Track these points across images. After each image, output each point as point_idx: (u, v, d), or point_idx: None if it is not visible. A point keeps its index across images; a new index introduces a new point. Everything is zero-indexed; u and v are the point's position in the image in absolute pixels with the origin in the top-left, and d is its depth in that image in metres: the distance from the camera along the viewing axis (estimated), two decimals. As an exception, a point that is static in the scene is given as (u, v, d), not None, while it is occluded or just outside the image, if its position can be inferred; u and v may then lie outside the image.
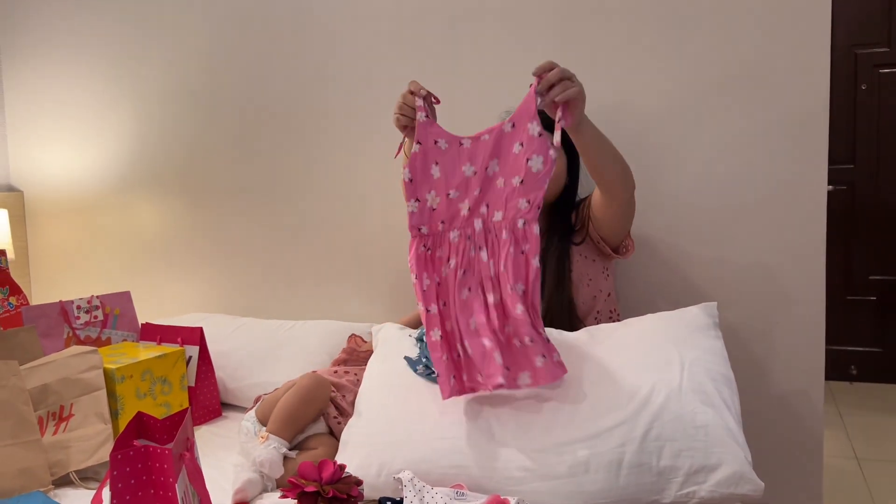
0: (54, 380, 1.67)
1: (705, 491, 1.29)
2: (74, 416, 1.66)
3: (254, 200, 2.43)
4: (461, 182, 1.47)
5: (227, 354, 2.07)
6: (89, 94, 2.67)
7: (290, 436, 1.56)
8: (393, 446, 1.43)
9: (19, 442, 1.52)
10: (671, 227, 1.91)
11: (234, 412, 2.02)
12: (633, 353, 1.49)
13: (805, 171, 1.79)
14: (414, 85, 1.49)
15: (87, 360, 1.71)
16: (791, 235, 1.81)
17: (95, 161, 2.68)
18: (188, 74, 2.49)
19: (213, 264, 2.52)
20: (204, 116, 2.48)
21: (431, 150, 1.48)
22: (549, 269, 1.77)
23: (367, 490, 1.37)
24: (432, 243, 1.49)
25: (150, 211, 2.61)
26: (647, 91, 1.90)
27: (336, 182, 2.30)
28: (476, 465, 1.37)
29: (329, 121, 2.28)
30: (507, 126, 1.44)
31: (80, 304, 1.99)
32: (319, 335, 2.11)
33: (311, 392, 1.62)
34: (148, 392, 1.79)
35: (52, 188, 2.78)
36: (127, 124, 2.62)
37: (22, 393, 1.57)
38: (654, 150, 1.90)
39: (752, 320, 1.86)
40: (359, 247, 2.28)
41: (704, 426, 1.33)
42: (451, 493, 1.30)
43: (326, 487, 1.24)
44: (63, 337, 1.95)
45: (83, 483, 1.55)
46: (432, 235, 1.49)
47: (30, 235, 2.84)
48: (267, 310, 2.41)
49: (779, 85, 1.79)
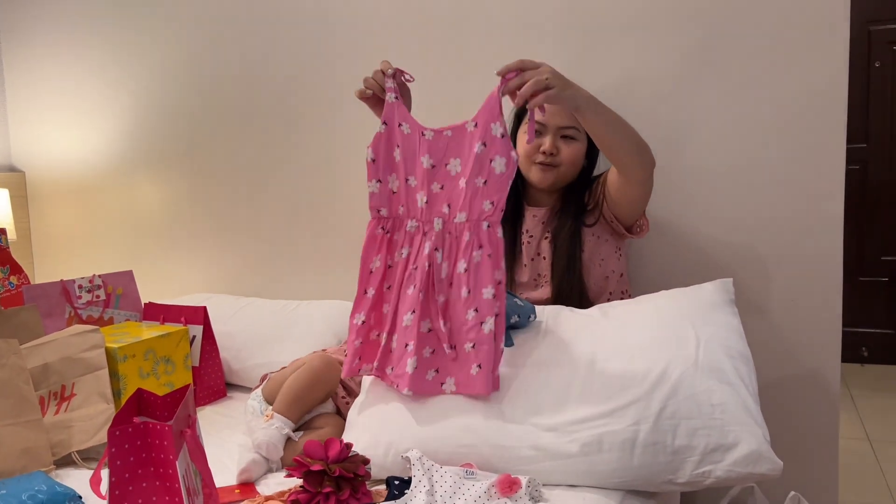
0: (56, 359, 1.64)
1: (722, 470, 1.26)
2: (76, 395, 1.63)
3: (258, 179, 2.39)
4: (419, 172, 1.45)
5: (231, 335, 2.04)
6: (90, 74, 2.63)
7: (296, 416, 1.53)
8: (400, 425, 1.40)
9: (20, 422, 1.49)
10: (684, 206, 1.86)
11: (238, 393, 1.99)
12: (647, 329, 1.45)
13: (822, 148, 1.74)
14: (384, 64, 1.47)
15: (89, 339, 1.68)
16: (808, 213, 1.77)
17: (97, 141, 2.65)
18: (190, 53, 2.45)
19: (216, 244, 2.49)
20: (207, 95, 2.44)
21: (396, 132, 1.46)
22: (560, 250, 1.73)
23: (374, 469, 1.34)
24: (391, 226, 1.49)
25: (153, 191, 2.58)
26: (661, 65, 1.85)
27: (342, 161, 2.26)
28: (486, 443, 1.34)
29: (335, 100, 2.24)
30: (469, 125, 1.41)
31: (82, 284, 1.96)
32: (325, 315, 2.07)
33: (320, 373, 1.58)
34: (151, 372, 1.76)
35: (53, 169, 2.75)
36: (129, 104, 2.58)
37: (22, 372, 1.54)
38: (666, 126, 1.85)
39: (767, 300, 1.81)
40: (364, 227, 2.23)
41: (721, 404, 1.29)
42: (460, 472, 1.27)
43: (333, 466, 1.21)
44: (65, 316, 1.92)
45: (85, 463, 1.53)
46: (392, 218, 1.49)
47: (32, 216, 2.81)
48: (271, 290, 2.37)
49: (796, 60, 1.74)
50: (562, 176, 1.75)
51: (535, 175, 1.75)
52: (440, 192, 1.43)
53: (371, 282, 1.48)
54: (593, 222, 1.74)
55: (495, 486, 1.22)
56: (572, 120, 1.69)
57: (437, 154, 1.43)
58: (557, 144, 1.72)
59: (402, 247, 1.46)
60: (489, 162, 1.38)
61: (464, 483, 1.24)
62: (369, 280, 1.48)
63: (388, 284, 1.48)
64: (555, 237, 1.74)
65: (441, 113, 2.07)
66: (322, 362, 1.61)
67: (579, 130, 1.72)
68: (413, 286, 1.42)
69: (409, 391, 1.38)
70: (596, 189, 1.76)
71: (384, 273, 1.48)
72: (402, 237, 1.47)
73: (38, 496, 1.29)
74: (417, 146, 1.45)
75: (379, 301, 1.48)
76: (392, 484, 1.27)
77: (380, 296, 1.48)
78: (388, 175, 1.48)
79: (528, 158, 1.74)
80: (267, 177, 2.38)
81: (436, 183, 1.43)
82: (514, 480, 1.22)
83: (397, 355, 1.44)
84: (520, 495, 1.20)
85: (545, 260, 1.75)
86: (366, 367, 1.47)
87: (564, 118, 1.70)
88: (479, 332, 1.38)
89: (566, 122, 1.70)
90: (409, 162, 1.46)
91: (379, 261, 1.48)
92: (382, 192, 1.48)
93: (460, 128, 1.42)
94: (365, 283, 1.48)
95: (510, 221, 1.77)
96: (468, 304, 1.39)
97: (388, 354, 1.46)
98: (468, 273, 1.39)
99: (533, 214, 1.79)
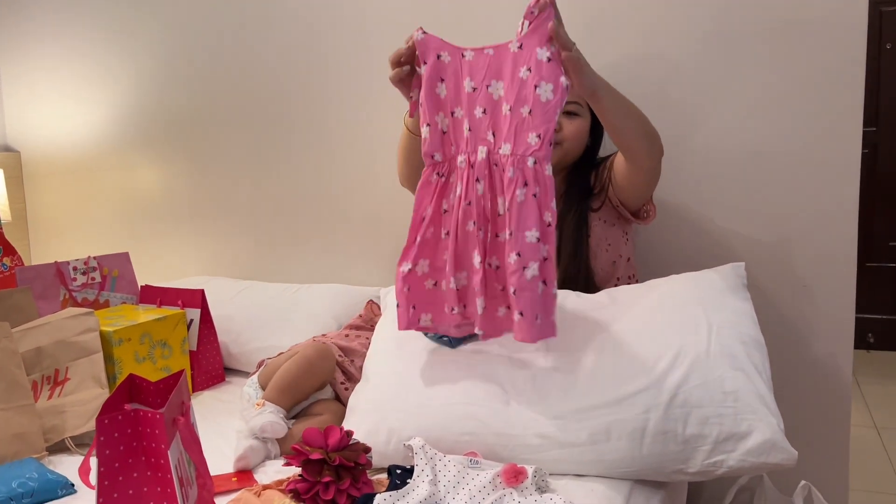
0: (49, 342, 1.60)
1: (734, 460, 1.22)
2: (70, 379, 1.59)
3: (258, 160, 2.34)
4: (463, 98, 1.33)
5: (229, 318, 2.00)
6: (87, 52, 2.57)
7: (287, 405, 1.49)
8: (402, 412, 1.36)
9: (12, 406, 1.46)
10: (694, 189, 1.81)
11: (237, 377, 1.95)
12: (656, 315, 1.41)
13: (838, 130, 1.69)
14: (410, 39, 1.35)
15: (83, 322, 1.64)
16: (822, 196, 1.71)
17: (94, 120, 2.60)
18: (188, 32, 2.39)
19: (214, 226, 2.44)
20: (206, 75, 2.38)
21: (435, 65, 1.33)
22: (566, 234, 1.67)
23: (375, 458, 1.30)
24: (446, 170, 1.35)
25: (151, 171, 2.53)
26: (672, 44, 1.79)
27: (342, 143, 2.20)
28: (491, 432, 1.30)
29: (335, 81, 2.18)
30: (513, 45, 1.28)
31: (77, 266, 1.92)
32: (325, 299, 2.03)
33: (314, 362, 1.54)
34: (147, 356, 1.72)
35: (49, 148, 2.69)
36: (126, 83, 2.52)
37: (14, 356, 1.50)
38: (677, 106, 1.79)
39: (778, 285, 1.77)
40: (365, 210, 2.20)
41: (734, 391, 1.25)
42: (464, 461, 1.23)
43: (333, 455, 1.17)
44: (59, 299, 1.88)
45: (79, 449, 1.49)
46: (446, 161, 1.35)
47: (28, 197, 2.77)
48: (270, 273, 2.33)
49: (813, 38, 1.68)
50: (566, 153, 1.68)
51: None
52: (483, 116, 1.31)
53: (422, 229, 1.36)
54: (599, 206, 1.69)
55: (501, 475, 1.18)
56: (575, 95, 1.61)
57: (478, 75, 1.31)
58: (560, 121, 1.65)
59: (456, 187, 1.33)
60: (534, 88, 1.24)
61: (468, 472, 1.20)
62: (420, 227, 1.36)
63: (446, 230, 1.35)
64: (560, 221, 1.68)
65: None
66: (316, 351, 1.57)
67: (582, 106, 1.66)
68: (472, 221, 1.31)
69: (480, 331, 1.30)
70: (602, 172, 1.71)
71: (439, 219, 1.35)
72: (455, 177, 1.34)
73: (29, 484, 1.25)
74: (459, 71, 1.33)
75: (432, 248, 1.35)
76: (394, 473, 1.23)
77: (435, 242, 1.36)
78: (436, 115, 1.33)
79: None
80: (266, 157, 2.33)
81: (478, 107, 1.31)
82: (521, 470, 1.18)
83: (471, 293, 1.33)
84: (526, 485, 1.17)
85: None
86: (425, 318, 1.36)
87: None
88: (521, 278, 1.25)
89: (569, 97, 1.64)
90: (454, 92, 1.33)
91: (431, 208, 1.35)
92: (433, 135, 1.33)
93: (503, 47, 1.29)
94: (416, 231, 1.36)
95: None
96: (510, 246, 1.27)
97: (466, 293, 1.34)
98: (510, 213, 1.27)
99: None
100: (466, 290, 1.34)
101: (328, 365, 1.57)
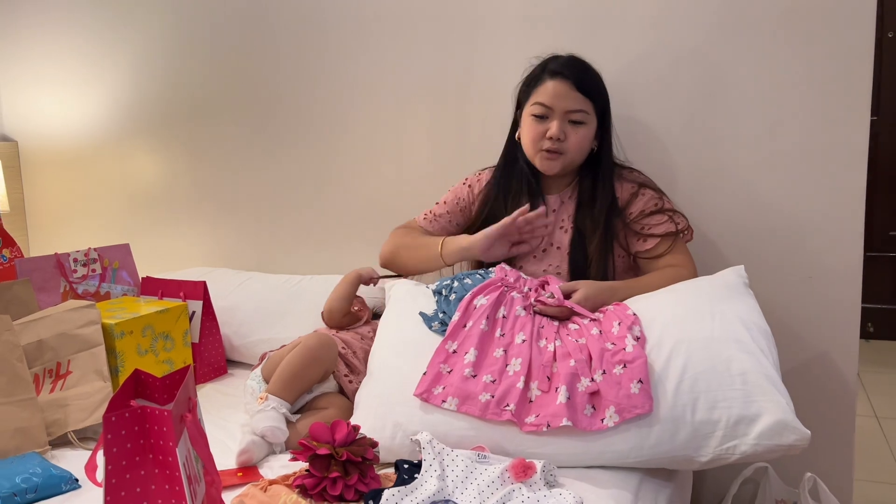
0: (50, 335, 1.59)
1: (747, 445, 1.21)
2: (72, 373, 1.58)
3: (259, 151, 2.32)
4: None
5: (232, 310, 1.99)
6: (85, 39, 2.54)
7: (291, 397, 1.47)
8: (408, 407, 1.35)
9: (13, 400, 1.44)
10: (701, 177, 1.79)
11: (240, 370, 1.94)
12: (662, 307, 1.41)
13: (846, 118, 1.68)
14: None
15: (85, 314, 1.63)
16: (829, 187, 1.70)
17: (93, 109, 2.57)
18: (189, 19, 2.36)
19: (216, 217, 2.42)
20: (206, 63, 2.36)
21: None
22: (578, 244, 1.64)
23: (381, 453, 1.30)
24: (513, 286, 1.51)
25: (151, 161, 2.51)
26: (681, 33, 1.77)
27: (345, 134, 2.19)
28: (497, 426, 1.29)
29: (339, 71, 2.16)
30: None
31: (77, 257, 1.90)
32: (328, 290, 1.99)
33: (316, 352, 1.53)
34: (149, 348, 1.71)
35: (47, 138, 2.67)
36: (125, 71, 2.50)
37: (15, 349, 1.49)
38: (686, 94, 1.78)
39: (783, 276, 1.76)
40: (367, 201, 2.18)
41: (742, 374, 1.24)
42: (472, 456, 1.22)
43: (340, 450, 1.16)
44: (59, 291, 1.86)
45: (82, 443, 1.48)
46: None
47: (26, 188, 2.74)
48: (272, 265, 2.32)
49: (821, 26, 1.66)
50: (568, 163, 1.64)
51: (540, 163, 1.64)
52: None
53: (473, 316, 1.42)
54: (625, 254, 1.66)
55: (509, 470, 1.17)
56: (581, 103, 1.58)
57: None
58: (565, 129, 1.59)
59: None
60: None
61: (476, 467, 1.19)
62: (469, 313, 1.43)
63: (502, 332, 1.41)
64: (576, 230, 1.65)
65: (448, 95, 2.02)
66: (317, 340, 1.55)
67: (588, 114, 1.60)
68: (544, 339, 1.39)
69: (568, 421, 1.24)
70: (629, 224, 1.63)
71: (491, 317, 1.43)
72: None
73: (33, 479, 1.24)
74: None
75: (482, 341, 1.39)
76: (401, 468, 1.22)
77: (487, 338, 1.40)
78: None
79: (534, 145, 1.63)
80: (267, 148, 2.31)
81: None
82: (529, 465, 1.17)
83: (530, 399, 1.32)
84: (535, 480, 1.16)
85: (559, 250, 1.66)
86: (452, 400, 1.32)
87: (573, 101, 1.58)
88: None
89: (575, 104, 1.58)
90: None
91: (486, 298, 1.44)
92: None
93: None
94: (466, 317, 1.43)
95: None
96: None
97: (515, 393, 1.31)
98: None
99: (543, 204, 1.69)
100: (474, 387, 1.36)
101: (330, 354, 1.56)
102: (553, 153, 1.61)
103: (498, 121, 1.83)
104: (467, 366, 1.35)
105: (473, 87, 2.00)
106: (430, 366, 1.37)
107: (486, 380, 1.33)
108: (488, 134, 1.91)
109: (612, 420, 1.24)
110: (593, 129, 1.63)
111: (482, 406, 1.30)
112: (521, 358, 1.34)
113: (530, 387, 1.31)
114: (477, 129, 2.00)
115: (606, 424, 1.24)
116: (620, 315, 1.38)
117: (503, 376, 1.33)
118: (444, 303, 1.50)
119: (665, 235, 1.60)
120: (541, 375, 1.32)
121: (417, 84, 2.07)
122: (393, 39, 2.07)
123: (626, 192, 1.64)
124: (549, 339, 1.38)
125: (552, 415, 1.26)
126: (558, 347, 1.35)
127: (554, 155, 1.61)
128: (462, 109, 2.02)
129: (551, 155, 1.61)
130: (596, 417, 1.25)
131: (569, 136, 1.60)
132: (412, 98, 2.08)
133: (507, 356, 1.36)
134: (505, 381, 1.32)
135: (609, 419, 1.24)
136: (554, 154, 1.61)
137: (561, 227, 1.67)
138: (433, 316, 1.49)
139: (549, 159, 1.62)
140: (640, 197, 1.63)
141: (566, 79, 1.58)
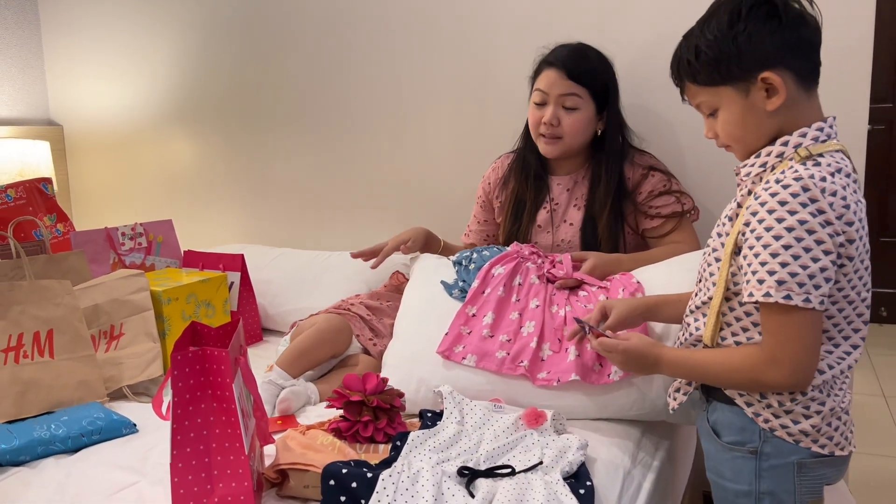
0: (105, 300, 1.74)
1: None
2: (125, 334, 1.73)
3: (292, 132, 2.44)
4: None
5: (266, 282, 2.13)
6: (127, 28, 2.68)
7: (295, 372, 1.60)
8: (431, 364, 1.48)
9: (76, 357, 1.60)
10: (699, 164, 1.87)
11: (274, 336, 2.08)
12: (661, 274, 1.53)
13: (845, 108, 1.73)
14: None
15: (135, 282, 1.77)
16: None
17: (134, 95, 2.71)
18: (226, 6, 2.49)
19: (250, 197, 2.56)
20: (242, 49, 2.48)
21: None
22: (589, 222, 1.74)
23: (407, 405, 1.42)
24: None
25: (189, 144, 2.65)
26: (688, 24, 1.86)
27: (373, 121, 2.30)
28: (511, 380, 1.42)
29: (369, 53, 2.27)
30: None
31: (125, 231, 2.05)
32: (356, 264, 2.12)
33: (327, 336, 1.67)
34: (193, 314, 1.85)
35: (91, 122, 2.82)
36: (165, 58, 2.63)
37: (76, 311, 1.64)
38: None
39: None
40: (396, 178, 2.30)
41: None
42: (489, 406, 1.35)
43: (371, 397, 1.29)
44: (109, 262, 2.01)
45: (135, 397, 1.63)
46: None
47: (70, 169, 2.90)
48: (304, 241, 2.45)
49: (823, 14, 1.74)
50: (567, 146, 1.73)
51: (541, 147, 1.75)
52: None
53: (491, 284, 1.55)
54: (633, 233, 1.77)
55: (522, 418, 1.29)
56: (573, 87, 1.67)
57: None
58: (558, 115, 1.69)
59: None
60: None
61: (492, 416, 1.32)
62: (487, 281, 1.55)
63: (517, 297, 1.53)
64: (588, 209, 1.74)
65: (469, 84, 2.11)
66: (330, 325, 1.69)
67: (582, 98, 1.68)
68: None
69: (576, 376, 1.38)
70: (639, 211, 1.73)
71: (508, 284, 1.54)
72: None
73: (98, 422, 1.39)
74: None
75: (499, 306, 1.51)
76: (425, 416, 1.36)
77: (504, 303, 1.52)
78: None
79: (534, 130, 1.75)
80: (299, 130, 2.43)
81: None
82: (541, 413, 1.30)
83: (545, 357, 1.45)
84: (545, 427, 1.28)
85: (572, 226, 1.77)
86: (471, 357, 1.46)
87: (564, 87, 1.68)
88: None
89: (566, 89, 1.68)
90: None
91: (503, 268, 1.56)
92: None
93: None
94: (484, 284, 1.55)
95: (534, 188, 1.80)
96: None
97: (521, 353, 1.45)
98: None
99: (557, 183, 1.80)
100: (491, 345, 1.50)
101: (341, 338, 1.71)
102: (550, 138, 1.72)
103: (514, 109, 1.94)
104: (485, 327, 1.48)
105: (490, 77, 2.10)
106: (452, 327, 1.50)
107: (502, 339, 1.46)
108: (505, 120, 2.01)
109: (617, 374, 1.36)
110: (589, 114, 1.71)
111: (498, 362, 1.43)
112: (535, 321, 1.47)
113: (542, 347, 1.44)
114: (495, 116, 2.11)
115: (612, 379, 1.37)
116: (626, 283, 1.50)
117: (518, 336, 1.46)
118: (463, 272, 1.62)
119: (671, 216, 1.71)
120: (552, 338, 1.45)
121: (439, 76, 2.18)
122: (432, 12, 2.16)
123: (637, 174, 1.73)
124: (560, 305, 1.50)
125: (562, 371, 1.39)
126: (569, 313, 1.48)
127: (551, 140, 1.72)
128: (480, 97, 2.12)
129: (548, 139, 1.72)
130: (602, 373, 1.38)
131: (563, 121, 1.69)
132: (435, 88, 2.19)
133: (521, 319, 1.49)
134: (519, 340, 1.45)
135: (615, 374, 1.37)
136: (551, 138, 1.72)
137: (574, 205, 1.78)
138: (454, 284, 1.62)
139: (548, 143, 1.73)
140: (650, 179, 1.73)
141: (558, 67, 1.68)
